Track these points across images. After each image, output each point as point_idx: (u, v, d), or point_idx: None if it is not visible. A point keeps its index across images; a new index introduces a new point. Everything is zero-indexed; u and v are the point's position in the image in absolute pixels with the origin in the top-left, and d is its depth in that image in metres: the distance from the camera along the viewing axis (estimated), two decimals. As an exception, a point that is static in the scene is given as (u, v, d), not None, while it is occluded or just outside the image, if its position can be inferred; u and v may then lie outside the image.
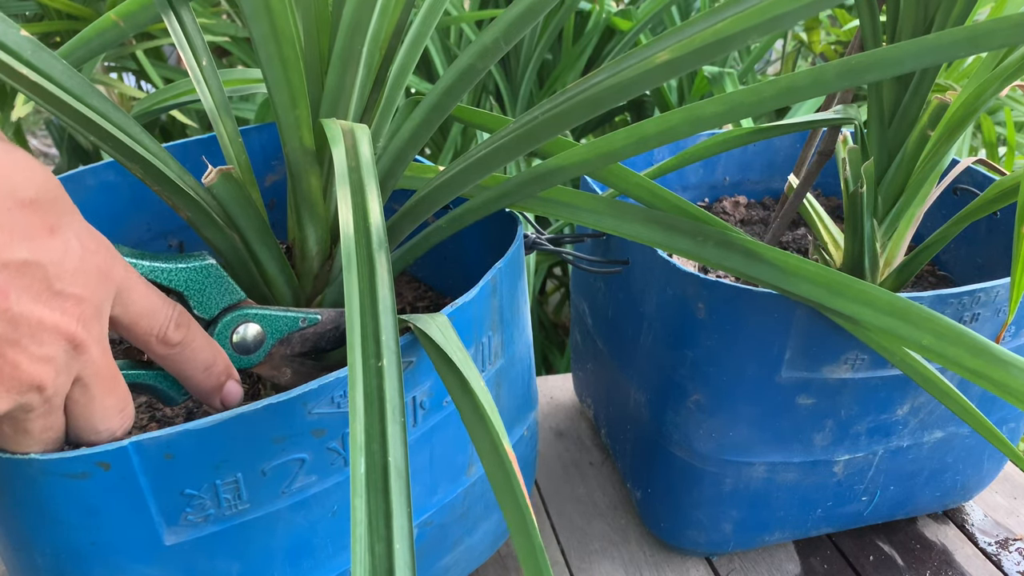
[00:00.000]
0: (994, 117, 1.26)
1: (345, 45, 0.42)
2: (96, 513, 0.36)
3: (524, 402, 0.54)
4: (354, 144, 0.38)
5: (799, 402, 0.53)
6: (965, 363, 0.36)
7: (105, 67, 1.26)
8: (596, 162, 0.42)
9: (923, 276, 0.70)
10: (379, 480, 0.30)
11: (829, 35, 1.49)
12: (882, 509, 0.62)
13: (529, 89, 1.27)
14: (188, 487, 0.37)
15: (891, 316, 0.39)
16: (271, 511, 0.40)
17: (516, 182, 0.44)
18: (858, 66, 0.31)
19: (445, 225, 0.47)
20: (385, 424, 0.31)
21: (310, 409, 0.38)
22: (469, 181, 0.44)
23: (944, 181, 0.62)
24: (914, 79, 0.53)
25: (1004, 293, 0.51)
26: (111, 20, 0.50)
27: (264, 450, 0.38)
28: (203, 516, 0.38)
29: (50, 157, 2.18)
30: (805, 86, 0.33)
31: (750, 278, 0.43)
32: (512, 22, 0.40)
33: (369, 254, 0.34)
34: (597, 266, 0.60)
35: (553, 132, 0.39)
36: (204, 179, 0.41)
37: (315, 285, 0.47)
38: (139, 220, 0.62)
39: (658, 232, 0.45)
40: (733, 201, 0.78)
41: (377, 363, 0.32)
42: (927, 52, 0.30)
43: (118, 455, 0.35)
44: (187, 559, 0.39)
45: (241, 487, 0.39)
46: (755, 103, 0.34)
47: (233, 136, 0.48)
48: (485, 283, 0.45)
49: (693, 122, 0.37)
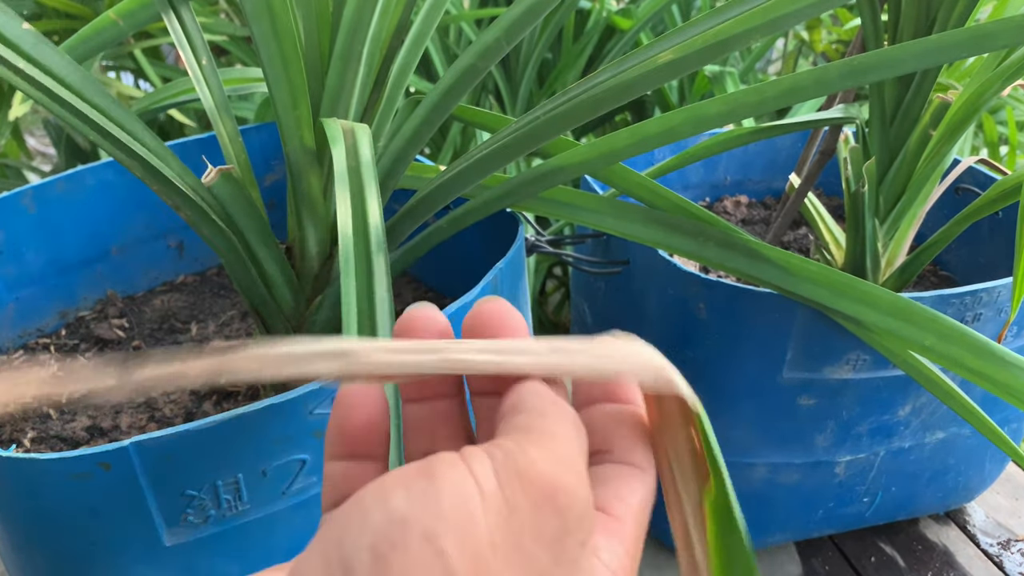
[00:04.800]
0: (996, 116, 1.26)
1: (346, 44, 0.42)
2: (97, 514, 0.36)
3: None
4: (354, 144, 0.38)
5: (801, 403, 0.53)
6: (967, 363, 0.36)
7: (103, 66, 1.26)
8: (598, 162, 0.42)
9: (925, 276, 0.70)
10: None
11: (830, 34, 1.49)
12: (884, 510, 0.62)
13: (529, 88, 1.27)
14: (189, 488, 0.37)
15: (894, 317, 0.39)
16: (271, 512, 0.40)
17: (518, 182, 0.44)
18: (861, 66, 0.31)
19: (446, 225, 0.47)
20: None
21: (311, 409, 0.38)
22: (470, 181, 0.44)
23: (946, 181, 0.61)
24: (916, 78, 0.52)
25: (1006, 293, 0.51)
26: (110, 19, 0.49)
27: (265, 450, 0.38)
28: (203, 517, 0.38)
29: (48, 157, 2.18)
30: (808, 86, 0.33)
31: (753, 279, 0.43)
32: (514, 21, 0.40)
33: (368, 255, 0.34)
34: (597, 267, 0.60)
35: (555, 132, 0.39)
36: (204, 179, 0.41)
37: (315, 286, 0.47)
38: (138, 220, 0.61)
39: (660, 232, 0.45)
40: (734, 201, 0.78)
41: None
42: (930, 53, 0.30)
43: (119, 455, 0.35)
44: (187, 560, 0.39)
45: (242, 488, 0.38)
46: (758, 103, 0.34)
47: (233, 135, 0.48)
48: (486, 283, 0.44)
49: (695, 122, 0.37)
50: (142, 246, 0.62)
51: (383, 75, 0.45)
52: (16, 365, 0.54)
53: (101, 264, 0.60)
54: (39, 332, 0.58)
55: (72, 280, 0.59)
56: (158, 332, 0.58)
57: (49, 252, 0.57)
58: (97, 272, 0.60)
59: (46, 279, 0.57)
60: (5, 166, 1.28)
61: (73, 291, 0.59)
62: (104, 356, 0.55)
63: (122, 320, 0.59)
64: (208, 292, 0.63)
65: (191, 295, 0.63)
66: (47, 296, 0.58)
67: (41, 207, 0.56)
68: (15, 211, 0.55)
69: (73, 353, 0.56)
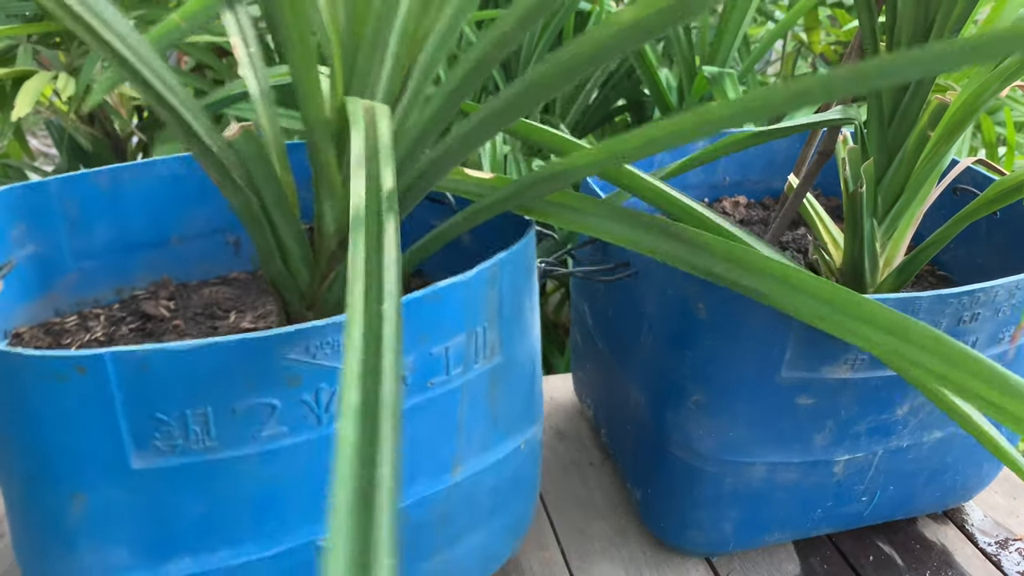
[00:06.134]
0: (994, 117, 1.26)
1: (374, 29, 0.42)
2: (69, 418, 0.38)
3: (524, 412, 0.54)
4: (373, 120, 0.38)
5: (799, 402, 0.53)
6: (982, 393, 0.34)
7: (103, 66, 1.26)
8: (606, 163, 0.42)
9: (923, 276, 0.70)
10: (372, 416, 0.27)
11: (829, 35, 1.49)
12: (882, 509, 0.62)
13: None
14: (159, 411, 0.38)
15: (895, 336, 0.37)
16: (239, 455, 0.41)
17: (527, 182, 0.44)
18: (867, 72, 0.31)
19: (457, 223, 0.47)
20: (381, 365, 0.28)
21: (285, 354, 0.39)
22: (456, 158, 0.44)
23: (944, 181, 0.62)
24: (914, 80, 0.53)
25: (1004, 293, 0.51)
26: (175, 22, 0.51)
27: (236, 387, 0.39)
28: (170, 445, 0.39)
29: (50, 157, 2.18)
30: (815, 90, 0.33)
31: (758, 296, 0.42)
32: (529, 8, 0.40)
33: (379, 219, 0.33)
34: (607, 275, 0.60)
35: (530, 105, 0.39)
36: (226, 134, 0.42)
37: (330, 263, 0.48)
38: (201, 214, 0.64)
39: (662, 241, 0.44)
40: (733, 201, 0.78)
41: (379, 306, 0.30)
42: (936, 60, 0.30)
43: (95, 361, 0.36)
44: (152, 487, 0.40)
45: (210, 422, 0.39)
46: (765, 107, 0.34)
47: (272, 121, 0.49)
48: (482, 268, 0.45)
49: (703, 125, 0.37)
50: (201, 239, 0.64)
51: (410, 66, 0.46)
52: (68, 327, 0.58)
53: (161, 250, 0.63)
54: (95, 303, 0.61)
55: (132, 261, 0.62)
56: (199, 316, 0.60)
57: (115, 231, 0.61)
58: (156, 257, 0.63)
59: (109, 256, 0.61)
60: (7, 166, 1.28)
61: (131, 271, 0.62)
62: (144, 329, 0.58)
63: (170, 302, 0.62)
64: (255, 289, 0.66)
65: (239, 289, 0.65)
66: (107, 271, 0.61)
67: (114, 188, 0.59)
68: (91, 188, 0.58)
69: (119, 324, 0.59)
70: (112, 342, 0.56)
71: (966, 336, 0.52)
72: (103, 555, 0.41)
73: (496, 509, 0.54)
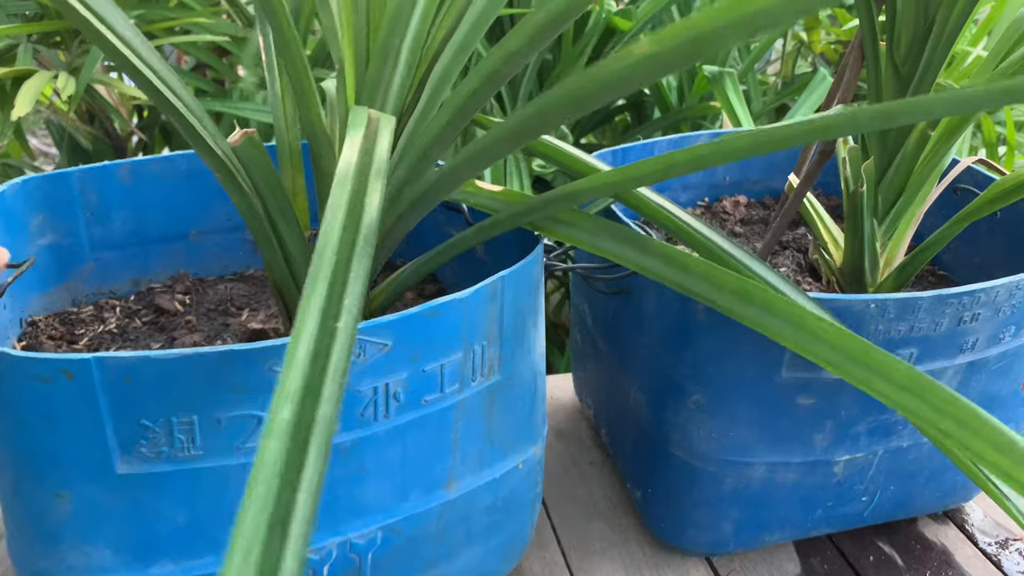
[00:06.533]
0: (994, 117, 1.26)
1: (385, 39, 0.42)
2: (55, 421, 0.38)
3: (523, 431, 0.53)
4: (375, 132, 0.38)
5: (799, 402, 0.53)
6: (987, 457, 0.33)
7: (105, 66, 1.26)
8: (625, 184, 0.42)
9: (923, 276, 0.70)
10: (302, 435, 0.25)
11: (829, 35, 1.49)
12: (882, 509, 0.62)
13: (529, 89, 1.27)
14: (144, 417, 0.39)
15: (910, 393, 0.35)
16: (224, 465, 0.41)
17: (544, 199, 0.44)
18: (893, 111, 0.31)
19: (471, 235, 0.47)
20: (323, 386, 0.26)
21: (271, 366, 0.39)
22: (463, 177, 0.44)
23: (944, 181, 0.62)
24: (914, 79, 0.53)
25: (1004, 293, 0.51)
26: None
27: (221, 397, 0.39)
28: (156, 452, 0.39)
29: (50, 157, 2.18)
30: (840, 125, 0.33)
31: (765, 331, 0.41)
32: (539, 28, 0.40)
33: (350, 255, 0.31)
34: (606, 273, 0.60)
35: (538, 131, 0.39)
36: (230, 139, 0.42)
37: None
38: (221, 210, 0.64)
39: (677, 272, 0.44)
40: (733, 201, 0.78)
41: (334, 323, 0.28)
42: (962, 103, 0.30)
43: (81, 366, 0.37)
44: (136, 493, 0.40)
45: (195, 431, 0.39)
46: (785, 138, 0.34)
47: (291, 123, 0.49)
48: (483, 286, 0.45)
49: (723, 155, 0.38)
50: (220, 235, 0.65)
51: (424, 78, 0.46)
52: (83, 317, 0.58)
53: (179, 244, 0.64)
54: (111, 294, 0.62)
55: (150, 253, 0.63)
56: (212, 312, 0.61)
57: (134, 223, 0.61)
58: (174, 251, 0.64)
59: (127, 247, 0.61)
60: (7, 165, 1.28)
61: (149, 264, 0.63)
62: (157, 323, 0.58)
63: (185, 296, 0.62)
64: (270, 287, 0.65)
65: (254, 287, 0.65)
66: (125, 263, 0.62)
67: (135, 181, 0.60)
68: (111, 179, 0.59)
69: (133, 317, 0.59)
70: (125, 334, 0.56)
71: (966, 336, 0.52)
72: (87, 555, 0.42)
73: (493, 527, 0.53)
